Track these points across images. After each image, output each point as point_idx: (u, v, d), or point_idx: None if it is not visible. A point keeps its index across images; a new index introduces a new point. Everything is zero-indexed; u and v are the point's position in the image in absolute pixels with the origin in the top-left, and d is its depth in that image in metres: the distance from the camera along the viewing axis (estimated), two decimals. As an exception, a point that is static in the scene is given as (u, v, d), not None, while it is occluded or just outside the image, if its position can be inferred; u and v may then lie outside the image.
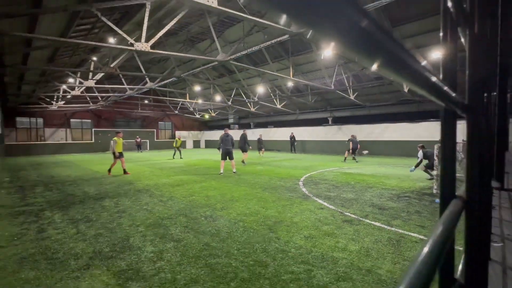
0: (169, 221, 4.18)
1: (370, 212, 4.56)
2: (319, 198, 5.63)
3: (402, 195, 5.87)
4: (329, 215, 4.41)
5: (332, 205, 5.05)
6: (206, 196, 5.95)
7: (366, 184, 7.32)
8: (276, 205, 5.09)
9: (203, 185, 7.36)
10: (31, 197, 6.07)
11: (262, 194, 6.10)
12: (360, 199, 5.57)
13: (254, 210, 4.79)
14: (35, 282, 2.48)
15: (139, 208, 5.02)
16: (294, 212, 4.60)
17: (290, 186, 7.07)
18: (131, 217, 4.44)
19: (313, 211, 4.68)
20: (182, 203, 5.38)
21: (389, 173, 9.37)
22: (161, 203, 5.36)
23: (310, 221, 4.11)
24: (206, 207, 5.01)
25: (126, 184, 7.75)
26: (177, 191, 6.56)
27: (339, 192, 6.28)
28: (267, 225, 3.97)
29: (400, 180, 7.84)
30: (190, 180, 8.39)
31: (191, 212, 4.71)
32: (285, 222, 4.10)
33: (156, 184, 7.61)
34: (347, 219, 4.22)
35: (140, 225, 4.00)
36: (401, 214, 4.46)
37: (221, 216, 4.42)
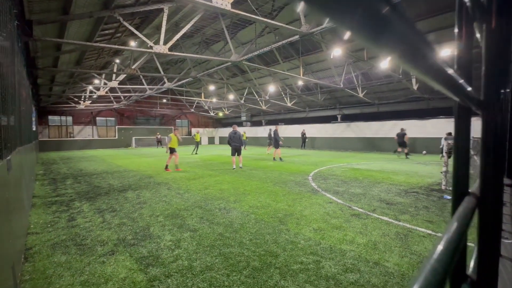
0: (186, 212, 4.25)
1: (378, 207, 4.46)
2: (328, 193, 5.57)
3: (410, 191, 5.70)
4: (337, 209, 4.35)
5: (340, 200, 4.98)
6: (220, 190, 6.00)
7: (374, 179, 7.16)
8: (286, 199, 5.08)
9: (217, 179, 7.43)
10: (62, 189, 6.35)
11: (272, 188, 6.09)
12: (368, 194, 5.45)
13: (265, 203, 4.79)
14: (67, 265, 2.60)
15: (158, 199, 5.12)
16: (304, 206, 4.57)
17: (300, 181, 7.03)
18: (151, 208, 4.55)
19: (322, 205, 4.63)
20: (198, 195, 5.46)
21: (397, 169, 9.12)
22: (179, 196, 5.46)
23: (319, 215, 4.07)
24: (220, 200, 5.06)
25: (147, 177, 7.94)
26: (193, 185, 6.64)
27: (347, 187, 6.18)
28: (278, 217, 3.96)
29: (408, 176, 7.60)
30: (205, 174, 8.47)
31: (206, 204, 4.77)
32: (295, 215, 4.08)
33: (173, 178, 7.74)
34: (355, 213, 4.14)
35: (159, 216, 4.09)
36: (409, 209, 4.33)
37: (234, 208, 4.45)
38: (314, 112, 24.95)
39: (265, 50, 8.68)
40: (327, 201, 4.87)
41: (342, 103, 22.13)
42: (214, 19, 12.48)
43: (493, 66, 0.73)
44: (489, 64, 0.73)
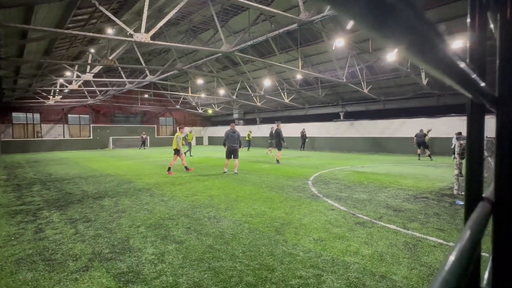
0: (171, 222, 4.21)
1: (384, 214, 4.52)
2: (330, 199, 5.61)
3: (419, 196, 5.80)
4: (340, 217, 4.38)
5: (343, 206, 5.02)
6: (210, 196, 5.98)
7: (380, 184, 7.26)
8: (283, 206, 5.09)
9: (206, 184, 7.40)
10: (28, 196, 6.22)
11: (268, 194, 6.10)
12: (374, 200, 5.52)
13: (260, 211, 4.79)
14: (33, 283, 2.54)
15: (139, 208, 5.07)
16: (303, 213, 4.59)
17: (299, 186, 7.06)
18: (131, 217, 4.49)
19: (323, 212, 4.66)
20: (185, 202, 5.42)
21: (405, 172, 9.26)
22: (162, 203, 5.41)
23: (319, 223, 4.09)
24: (209, 207, 5.03)
25: (126, 183, 7.86)
26: (179, 190, 6.61)
27: (351, 192, 6.24)
28: (274, 226, 3.96)
29: (417, 180, 7.73)
30: (193, 178, 8.44)
31: (193, 212, 4.73)
32: (293, 223, 4.09)
33: (157, 183, 7.69)
34: (359, 221, 4.18)
35: (140, 226, 4.04)
36: (418, 216, 4.40)
37: (225, 217, 4.44)
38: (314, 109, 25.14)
39: (259, 40, 8.69)
40: (328, 208, 4.91)
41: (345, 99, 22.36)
42: (202, 5, 12.44)
43: (509, 59, 0.74)
44: (504, 58, 0.75)
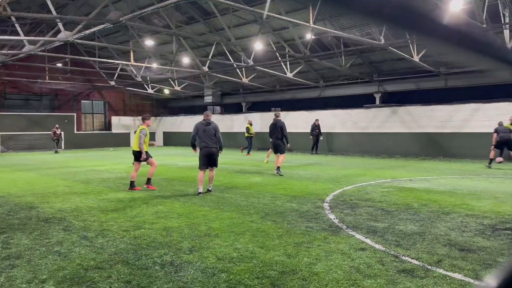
0: (99, 273, 4.15)
1: (445, 256, 4.57)
2: (358, 232, 5.64)
3: (500, 227, 5.91)
4: (375, 261, 4.41)
5: (380, 244, 5.06)
6: (165, 229, 5.93)
7: (439, 207, 7.34)
8: (283, 244, 5.09)
9: (159, 210, 7.33)
10: None
11: (260, 225, 6.10)
12: (429, 233, 5.58)
13: (247, 252, 4.78)
14: None
15: (45, 250, 4.97)
16: (315, 256, 4.59)
17: (309, 211, 7.07)
18: (31, 266, 4.39)
19: (348, 253, 4.68)
20: (122, 241, 5.35)
21: (478, 189, 9.42)
22: (85, 242, 5.32)
23: (342, 272, 4.10)
24: (163, 248, 4.99)
25: (24, 208, 7.66)
26: (114, 221, 6.51)
27: (393, 221, 6.30)
28: (269, 278, 3.95)
29: (497, 201, 7.89)
30: (137, 200, 8.34)
31: (137, 256, 4.68)
32: (299, 273, 4.09)
33: (76, 209, 7.54)
34: (405, 267, 4.22)
35: (47, 281, 3.96)
36: (499, 259, 4.47)
37: (190, 263, 4.40)
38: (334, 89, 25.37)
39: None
40: (356, 247, 4.93)
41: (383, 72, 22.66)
42: None
43: None
44: None
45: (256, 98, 30.32)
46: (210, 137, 9.05)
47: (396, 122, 20.50)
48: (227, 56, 21.95)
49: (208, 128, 9.06)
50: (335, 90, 25.29)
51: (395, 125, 20.50)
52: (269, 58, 22.11)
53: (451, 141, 18.50)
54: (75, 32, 14.86)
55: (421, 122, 19.62)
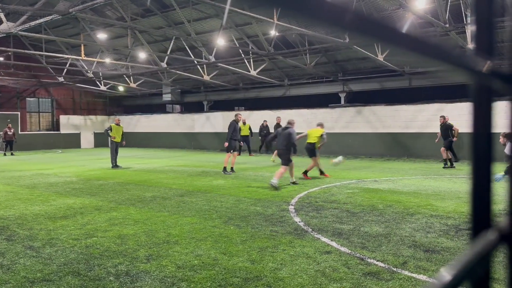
0: (47, 286, 4.03)
1: (410, 258, 4.75)
2: (324, 235, 5.74)
3: (463, 227, 6.19)
4: (340, 264, 4.50)
5: (345, 247, 5.17)
6: (119, 237, 5.81)
7: (403, 208, 7.58)
8: (247, 249, 5.11)
9: (113, 216, 7.17)
10: None
11: (223, 230, 6.10)
12: (394, 234, 5.77)
13: (209, 259, 4.78)
14: None
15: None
16: (280, 261, 4.64)
17: (273, 214, 7.12)
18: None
19: (313, 257, 4.76)
20: (73, 250, 5.19)
21: (442, 189, 9.81)
22: (31, 252, 5.12)
23: (307, 276, 4.16)
24: (118, 257, 4.90)
25: (-40, 217, 7.26)
26: (63, 229, 6.31)
27: (358, 222, 6.45)
28: (232, 285, 3.96)
29: (460, 201, 8.25)
30: (88, 206, 8.11)
31: (89, 266, 4.57)
32: (263, 279, 4.12)
33: (21, 216, 7.23)
34: (371, 270, 4.34)
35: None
36: (462, 258, 4.69)
37: (147, 273, 4.35)
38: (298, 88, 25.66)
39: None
40: (322, 250, 5.02)
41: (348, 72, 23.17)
42: None
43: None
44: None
45: (218, 97, 30.19)
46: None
47: (361, 122, 20.95)
48: (187, 52, 21.72)
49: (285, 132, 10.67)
50: (300, 89, 25.57)
51: (360, 125, 20.96)
52: (232, 54, 22.09)
53: (415, 141, 19.15)
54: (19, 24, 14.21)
55: (385, 122, 20.18)
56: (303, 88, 25.39)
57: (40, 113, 31.76)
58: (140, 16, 20.83)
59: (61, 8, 12.34)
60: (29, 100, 30.99)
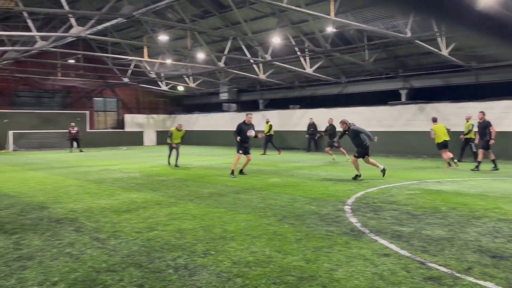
0: (111, 276, 4.21)
1: (475, 263, 4.49)
2: (382, 237, 5.59)
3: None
4: (399, 268, 4.36)
5: (405, 250, 5.00)
6: (178, 231, 5.99)
7: (469, 211, 7.23)
8: (302, 248, 5.08)
9: (172, 211, 7.41)
10: None
11: (277, 228, 6.10)
12: (458, 239, 5.49)
13: (263, 256, 4.80)
14: None
15: (57, 252, 5.08)
16: (336, 262, 4.57)
17: (329, 214, 7.04)
18: (42, 268, 4.48)
19: (371, 259, 4.64)
20: (135, 243, 5.42)
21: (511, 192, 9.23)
22: (97, 243, 5.41)
23: (364, 279, 4.07)
24: (177, 251, 5.04)
25: (36, 208, 7.84)
26: (126, 222, 6.61)
27: (419, 225, 6.22)
28: (286, 284, 3.95)
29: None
30: (150, 201, 8.45)
31: (150, 259, 4.74)
32: (318, 279, 4.07)
33: (88, 209, 7.68)
34: (432, 275, 4.15)
35: (58, 283, 4.03)
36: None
37: (204, 267, 4.43)
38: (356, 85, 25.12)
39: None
40: (380, 253, 4.89)
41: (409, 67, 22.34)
42: None
43: None
44: None
45: (274, 95, 30.26)
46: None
47: (423, 120, 20.15)
48: (243, 51, 21.99)
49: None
50: (357, 86, 25.05)
51: (422, 123, 20.16)
52: (288, 52, 22.04)
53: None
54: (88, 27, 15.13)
55: (450, 120, 19.22)
56: (360, 85, 24.84)
57: (107, 112, 33.64)
58: (199, 17, 21.40)
59: (125, 12, 12.96)
60: (97, 100, 32.94)
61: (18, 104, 28.76)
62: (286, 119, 26.86)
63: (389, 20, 16.52)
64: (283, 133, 25.88)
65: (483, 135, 13.72)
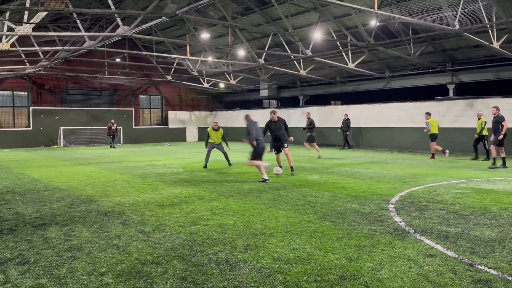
0: (155, 268, 4.31)
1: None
2: (428, 237, 5.42)
3: None
4: (446, 269, 4.21)
5: (452, 251, 4.82)
6: (220, 226, 6.07)
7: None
8: (344, 246, 5.02)
9: (214, 206, 7.52)
10: None
11: (318, 225, 6.06)
12: (510, 240, 5.23)
13: (304, 253, 4.77)
14: None
15: (104, 243, 5.26)
16: (379, 261, 4.48)
17: (371, 212, 6.92)
18: (91, 258, 4.66)
19: (416, 260, 4.51)
20: (178, 236, 5.54)
21: None
22: (143, 236, 5.57)
23: (409, 279, 3.96)
24: (218, 245, 5.11)
25: (84, 202, 8.19)
26: (170, 216, 6.77)
27: (467, 226, 5.98)
28: (328, 282, 3.91)
29: None
30: (192, 196, 8.62)
31: (192, 252, 4.83)
32: (360, 278, 4.00)
33: (134, 203, 7.93)
34: (482, 277, 3.98)
35: (106, 274, 4.17)
36: None
37: (245, 262, 4.46)
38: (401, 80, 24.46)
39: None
40: (425, 253, 4.74)
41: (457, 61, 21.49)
42: None
43: None
44: None
45: (314, 91, 29.99)
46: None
47: (472, 116, 19.35)
48: (284, 47, 21.91)
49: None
50: (402, 81, 24.40)
51: (471, 119, 19.34)
52: (329, 47, 21.76)
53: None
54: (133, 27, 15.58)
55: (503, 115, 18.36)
56: (406, 80, 24.16)
57: (151, 109, 34.60)
58: (240, 14, 21.52)
59: (169, 11, 13.23)
60: (142, 97, 33.97)
61: (68, 101, 30.14)
62: (327, 115, 26.55)
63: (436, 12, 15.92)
64: (324, 129, 25.60)
65: (496, 130, 13.35)
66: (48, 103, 29.20)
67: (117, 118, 29.34)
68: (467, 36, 16.39)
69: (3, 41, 17.34)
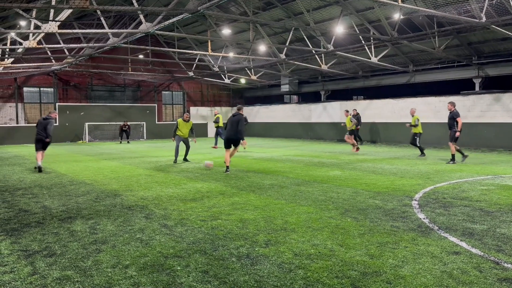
0: (178, 262, 4.38)
1: (559, 266, 4.13)
2: (452, 234, 5.33)
3: None
4: (471, 267, 4.13)
5: (477, 248, 4.73)
6: (241, 221, 6.11)
7: (551, 209, 6.66)
8: (365, 243, 4.98)
9: (235, 201, 7.57)
10: (-29, 212, 6.96)
11: (339, 221, 6.03)
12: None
13: (325, 249, 4.76)
14: None
15: (128, 237, 5.37)
16: (401, 258, 4.43)
17: (394, 208, 6.84)
18: (115, 251, 4.76)
19: (440, 257, 4.44)
20: (200, 231, 5.61)
21: None
22: (165, 230, 5.67)
23: (432, 277, 3.90)
24: (240, 240, 5.15)
25: (109, 196, 8.37)
26: (192, 211, 6.86)
27: (493, 223, 5.85)
28: (349, 278, 3.89)
29: None
30: (214, 191, 8.70)
31: (214, 247, 4.88)
32: (383, 275, 3.97)
33: (157, 198, 8.06)
34: (508, 276, 3.88)
35: (129, 267, 4.26)
36: None
37: (266, 257, 4.48)
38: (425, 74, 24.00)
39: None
40: (449, 251, 4.66)
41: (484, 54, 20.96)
42: None
43: None
44: None
45: (336, 86, 29.71)
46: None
47: (499, 111, 18.86)
48: (305, 42, 21.77)
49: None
50: (427, 75, 23.94)
51: (498, 114, 18.86)
52: (352, 42, 21.49)
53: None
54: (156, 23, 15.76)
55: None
56: (430, 74, 23.69)
57: (173, 105, 34.98)
58: (261, 9, 21.46)
59: (190, 7, 13.32)
60: (164, 93, 34.39)
61: (93, 97, 30.75)
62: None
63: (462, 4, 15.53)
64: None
65: (451, 126, 13.08)
66: (73, 99, 29.88)
67: (136, 115, 30.06)
68: (494, 29, 15.94)
69: (30, 38, 17.78)
